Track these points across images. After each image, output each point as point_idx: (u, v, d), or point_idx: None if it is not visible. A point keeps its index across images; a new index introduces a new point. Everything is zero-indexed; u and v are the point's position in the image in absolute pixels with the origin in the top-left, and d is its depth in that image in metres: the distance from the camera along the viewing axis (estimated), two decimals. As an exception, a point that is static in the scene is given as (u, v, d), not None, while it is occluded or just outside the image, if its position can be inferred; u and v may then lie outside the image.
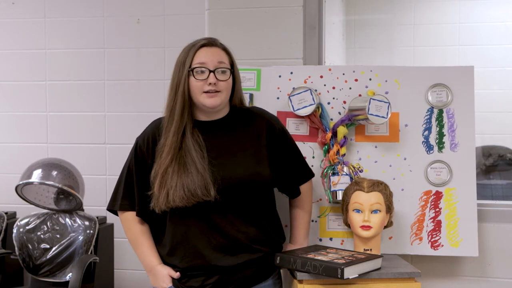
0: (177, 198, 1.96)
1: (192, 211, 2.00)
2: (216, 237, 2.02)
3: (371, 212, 2.23)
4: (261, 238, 2.08)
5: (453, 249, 2.41)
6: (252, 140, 2.09)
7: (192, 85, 2.01)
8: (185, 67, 2.01)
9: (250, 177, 2.04)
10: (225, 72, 2.02)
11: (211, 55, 2.01)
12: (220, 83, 2.01)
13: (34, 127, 3.90)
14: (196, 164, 1.97)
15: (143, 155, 2.09)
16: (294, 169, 2.21)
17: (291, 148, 2.20)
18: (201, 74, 2.00)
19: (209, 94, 2.00)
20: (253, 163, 2.06)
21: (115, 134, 3.80)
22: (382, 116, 2.32)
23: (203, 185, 1.96)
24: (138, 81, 3.77)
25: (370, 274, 2.09)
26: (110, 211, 2.19)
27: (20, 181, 3.29)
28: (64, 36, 3.86)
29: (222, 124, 2.09)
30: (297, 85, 2.46)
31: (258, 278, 2.10)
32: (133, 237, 2.14)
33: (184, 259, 2.05)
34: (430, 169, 2.44)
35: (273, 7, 2.63)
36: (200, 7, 2.98)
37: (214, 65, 2.00)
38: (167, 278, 2.07)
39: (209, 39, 2.07)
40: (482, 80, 2.94)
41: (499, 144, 4.05)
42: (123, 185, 2.13)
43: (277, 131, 2.14)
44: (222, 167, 2.01)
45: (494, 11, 4.29)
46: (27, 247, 3.31)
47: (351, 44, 4.30)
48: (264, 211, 2.12)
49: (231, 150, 2.06)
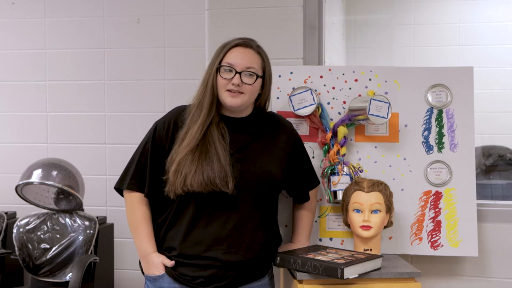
0: (195, 183, 1.96)
1: (205, 198, 2.00)
2: (221, 230, 2.02)
3: (371, 212, 2.23)
4: (264, 239, 2.09)
5: (453, 249, 2.41)
6: (274, 145, 2.12)
7: (218, 82, 2.03)
8: (215, 64, 2.04)
9: (266, 178, 2.07)
10: (252, 76, 2.03)
11: (241, 57, 2.03)
12: (245, 85, 2.02)
13: (34, 127, 3.90)
14: (219, 155, 1.99)
15: (161, 139, 2.09)
16: (305, 175, 2.26)
17: (304, 155, 2.25)
18: (228, 73, 2.02)
19: (231, 94, 2.01)
20: (272, 165, 2.09)
21: (115, 134, 3.80)
22: (382, 116, 2.33)
23: (222, 176, 1.97)
24: (138, 81, 3.78)
25: (370, 274, 2.09)
26: (116, 190, 2.16)
27: (20, 181, 3.29)
28: (64, 36, 3.86)
29: (246, 122, 2.11)
30: (297, 85, 2.46)
31: (252, 277, 2.10)
32: (134, 221, 2.12)
33: (184, 244, 2.04)
34: (430, 169, 2.44)
35: (273, 7, 2.63)
36: (200, 7, 2.99)
37: (242, 68, 2.01)
38: (160, 266, 2.06)
39: (245, 40, 2.08)
40: (482, 80, 2.95)
41: (499, 144, 4.05)
42: (135, 165, 2.11)
43: (294, 138, 2.20)
44: (243, 163, 2.03)
45: (494, 11, 4.29)
46: (27, 247, 3.31)
47: (351, 44, 4.30)
48: (270, 213, 2.13)
49: (254, 150, 2.08)
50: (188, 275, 2.04)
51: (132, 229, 2.13)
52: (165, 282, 2.07)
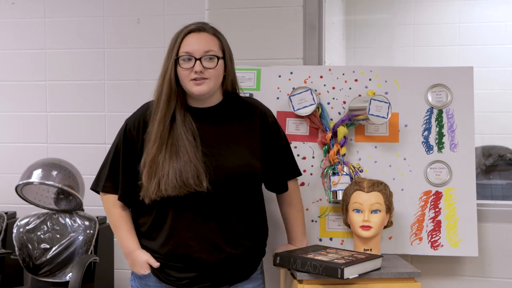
0: (169, 187, 1.92)
1: (182, 200, 1.96)
2: (203, 230, 1.98)
3: (371, 212, 2.23)
4: (248, 234, 2.05)
5: (453, 249, 2.41)
6: (246, 132, 2.07)
7: (180, 73, 1.98)
8: (172, 55, 1.98)
9: (243, 170, 2.01)
10: (212, 59, 1.97)
11: (198, 43, 1.96)
12: (208, 70, 1.96)
13: (34, 127, 3.90)
14: (188, 152, 1.93)
15: (133, 138, 2.06)
16: (283, 163, 2.18)
17: (282, 142, 2.18)
18: (188, 62, 1.96)
19: (196, 82, 1.96)
20: (246, 155, 2.03)
21: (115, 134, 3.78)
22: (382, 116, 2.33)
23: (195, 175, 1.92)
24: (138, 81, 3.77)
25: (370, 274, 2.09)
26: (93, 190, 2.16)
27: (20, 181, 3.29)
28: (64, 36, 3.86)
29: (216, 112, 2.05)
30: (297, 85, 2.46)
31: (240, 275, 2.07)
32: (113, 221, 2.11)
33: (167, 246, 2.01)
34: (430, 169, 2.44)
35: (273, 7, 2.63)
36: (200, 7, 2.98)
37: (201, 53, 1.95)
38: (146, 265, 2.04)
39: (198, 24, 2.00)
40: (482, 80, 2.95)
41: (499, 144, 4.05)
42: (108, 167, 2.09)
43: (270, 124, 2.13)
44: (215, 157, 1.98)
45: (494, 11, 4.29)
46: (27, 247, 3.31)
47: (351, 44, 4.30)
48: (253, 206, 2.08)
49: (225, 141, 2.02)
50: (174, 276, 2.03)
51: (113, 227, 2.13)
52: (151, 281, 2.06)
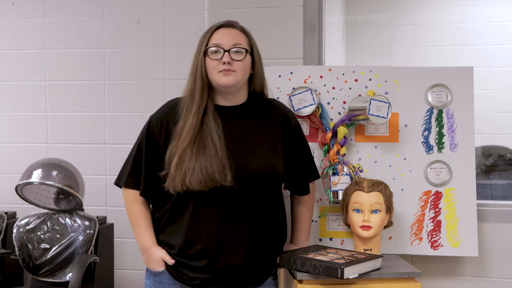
0: (194, 182, 1.94)
1: (204, 196, 1.98)
2: (221, 227, 2.00)
3: (371, 212, 2.23)
4: (265, 237, 2.06)
5: (453, 249, 2.41)
6: (269, 133, 2.09)
7: (208, 65, 2.01)
8: (202, 48, 2.02)
9: (265, 171, 2.03)
10: (240, 52, 2.00)
11: (227, 36, 2.01)
12: (236, 62, 1.99)
13: (34, 127, 3.90)
14: (216, 147, 1.96)
15: (155, 135, 2.07)
16: (304, 165, 2.21)
17: (304, 144, 2.21)
18: (216, 53, 2.00)
19: (224, 73, 1.99)
20: (269, 156, 2.05)
21: (115, 134, 3.80)
22: (382, 116, 2.33)
23: (221, 169, 1.94)
24: (138, 81, 3.77)
25: (370, 274, 2.09)
26: (116, 185, 2.18)
27: (20, 181, 3.29)
28: (64, 36, 3.86)
29: (241, 111, 2.08)
30: (297, 85, 2.46)
31: (254, 280, 2.08)
32: (132, 216, 2.14)
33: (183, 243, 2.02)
34: (430, 169, 2.44)
35: (273, 7, 2.63)
36: (200, 7, 2.98)
37: (229, 46, 2.00)
38: (161, 262, 2.06)
39: (227, 21, 2.07)
40: (482, 80, 2.95)
41: (499, 144, 4.05)
42: (131, 162, 2.12)
43: (293, 126, 2.15)
44: (238, 156, 2.00)
45: (494, 11, 4.29)
46: (27, 247, 3.31)
47: (351, 44, 4.30)
48: (273, 208, 2.10)
49: (249, 141, 2.04)
50: (187, 275, 2.04)
51: (131, 223, 2.15)
52: (166, 278, 2.08)
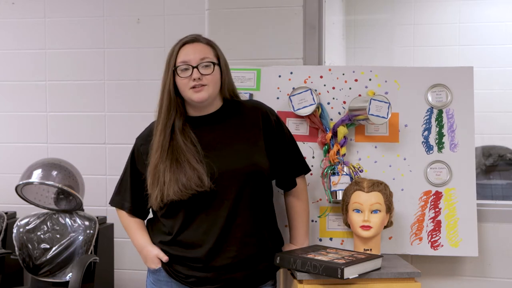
0: (171, 192, 1.98)
1: (190, 202, 2.00)
2: (211, 231, 2.01)
3: (371, 212, 2.23)
4: (258, 237, 2.06)
5: (453, 249, 2.41)
6: (248, 131, 2.10)
7: (179, 83, 2.05)
8: (170, 66, 2.07)
9: (249, 167, 2.04)
10: (208, 66, 2.04)
11: (193, 52, 2.04)
12: (205, 77, 2.02)
13: (34, 127, 3.90)
14: (189, 161, 1.99)
15: (140, 154, 2.13)
16: (290, 160, 2.20)
17: (287, 139, 2.20)
18: (185, 71, 2.03)
19: (196, 89, 2.02)
20: (250, 153, 2.07)
21: (115, 134, 3.81)
22: (382, 116, 2.33)
23: (196, 178, 1.97)
24: (138, 81, 3.78)
25: (370, 274, 2.09)
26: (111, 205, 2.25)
27: (20, 181, 3.29)
28: (64, 36, 3.86)
29: (214, 118, 2.10)
30: (297, 85, 2.46)
31: (249, 283, 2.08)
32: (124, 224, 2.23)
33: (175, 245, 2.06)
34: (430, 169, 2.44)
35: (273, 7, 2.63)
36: (200, 7, 2.98)
37: (197, 61, 2.03)
38: (156, 260, 2.10)
39: (191, 36, 2.11)
40: (482, 80, 2.95)
41: (499, 144, 4.05)
42: (119, 183, 2.21)
43: (273, 122, 2.15)
44: (217, 158, 2.02)
45: (494, 11, 4.29)
46: (27, 247, 3.31)
47: (351, 44, 4.30)
48: (264, 211, 2.10)
49: (227, 142, 2.07)
50: (182, 273, 2.07)
51: (126, 229, 2.23)
52: (162, 276, 2.11)
